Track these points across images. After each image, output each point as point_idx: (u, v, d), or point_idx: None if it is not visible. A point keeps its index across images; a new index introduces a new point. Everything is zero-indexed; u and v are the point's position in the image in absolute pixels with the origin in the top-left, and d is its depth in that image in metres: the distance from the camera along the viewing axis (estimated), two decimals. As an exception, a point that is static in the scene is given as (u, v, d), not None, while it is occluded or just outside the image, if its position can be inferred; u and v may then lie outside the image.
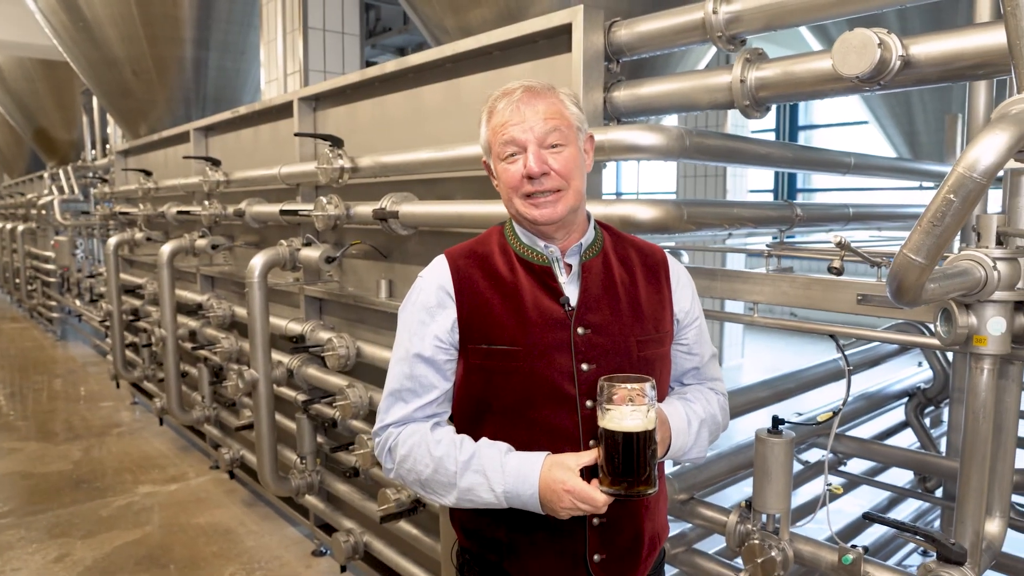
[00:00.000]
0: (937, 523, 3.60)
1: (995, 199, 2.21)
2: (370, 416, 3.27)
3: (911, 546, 3.61)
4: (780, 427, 1.97)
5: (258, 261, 3.42)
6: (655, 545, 1.55)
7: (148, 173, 5.70)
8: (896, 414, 3.68)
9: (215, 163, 4.36)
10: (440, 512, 2.41)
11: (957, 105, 4.84)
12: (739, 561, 2.40)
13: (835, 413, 2.08)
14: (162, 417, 6.00)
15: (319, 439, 3.74)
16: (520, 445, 1.44)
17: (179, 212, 4.85)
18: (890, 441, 3.48)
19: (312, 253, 3.35)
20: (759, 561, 1.96)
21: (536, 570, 1.48)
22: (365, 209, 3.06)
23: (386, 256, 3.34)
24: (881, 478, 3.51)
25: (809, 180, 13.27)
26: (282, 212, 3.50)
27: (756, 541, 1.99)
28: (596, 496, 1.29)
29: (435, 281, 1.51)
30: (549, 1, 2.83)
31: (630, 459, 1.26)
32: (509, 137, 1.40)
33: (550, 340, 1.43)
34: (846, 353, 3.31)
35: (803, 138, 13.15)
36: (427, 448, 1.44)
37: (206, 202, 4.38)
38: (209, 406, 4.84)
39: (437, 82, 2.99)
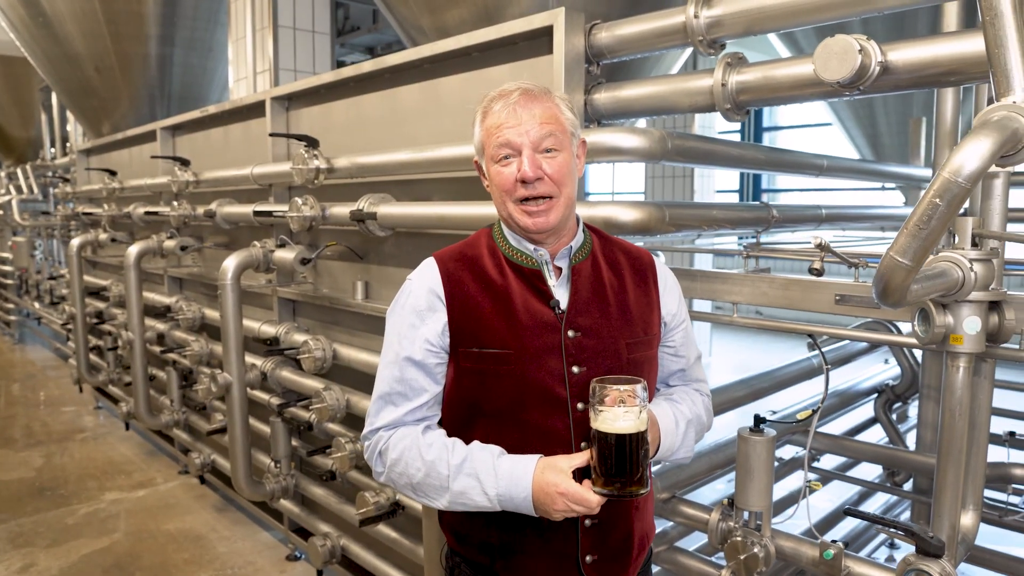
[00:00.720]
0: (905, 515, 3.69)
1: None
2: (347, 419, 3.24)
3: (880, 539, 3.69)
4: (761, 425, 2.00)
5: (231, 263, 3.37)
6: (644, 545, 1.56)
7: (112, 173, 5.57)
8: (864, 410, 3.76)
9: (184, 163, 4.28)
10: (424, 515, 2.40)
11: (919, 109, 4.97)
12: (718, 557, 2.44)
13: (814, 411, 2.11)
14: (128, 422, 5.87)
15: (293, 443, 3.69)
16: (512, 447, 1.44)
17: (147, 213, 4.75)
18: (859, 437, 3.56)
19: (287, 255, 3.31)
20: (742, 558, 1.99)
21: (529, 572, 1.48)
22: (342, 210, 3.03)
23: (362, 257, 3.31)
24: (851, 473, 3.59)
25: (774, 180, 13.50)
26: (256, 213, 3.44)
27: (739, 538, 2.02)
28: (590, 497, 1.30)
29: (425, 284, 1.50)
30: (528, 2, 2.84)
31: (623, 460, 1.27)
32: (504, 140, 1.39)
33: (541, 343, 1.44)
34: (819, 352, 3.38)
35: (768, 139, 13.37)
36: (418, 452, 1.43)
37: (175, 203, 4.30)
38: (178, 410, 4.75)
39: (414, 83, 2.97)
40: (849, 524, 3.52)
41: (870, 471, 3.73)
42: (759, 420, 2.01)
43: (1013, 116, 1.20)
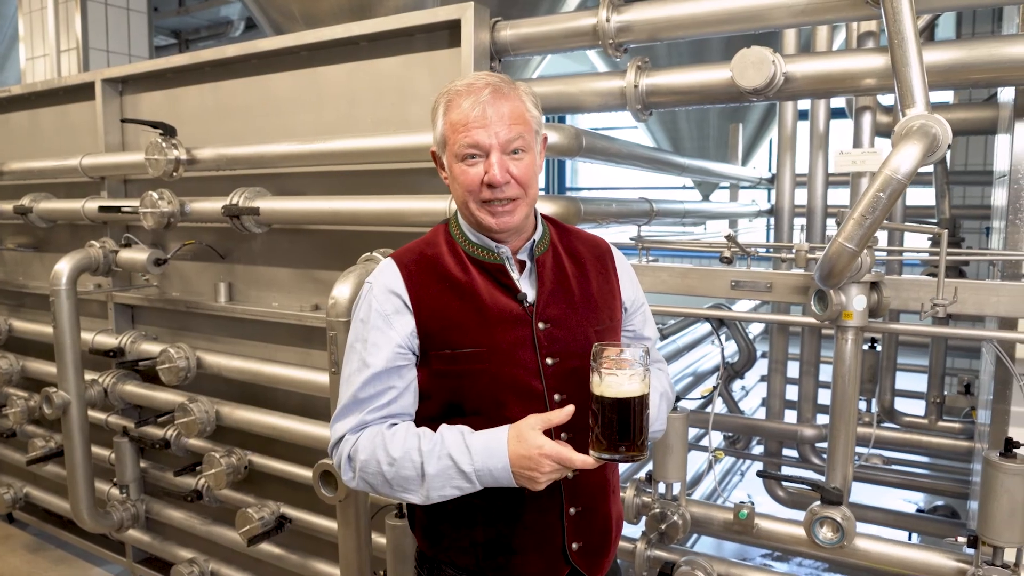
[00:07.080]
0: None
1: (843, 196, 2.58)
2: (216, 434, 2.98)
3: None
4: (677, 404, 2.16)
5: (65, 266, 2.95)
6: (619, 527, 1.62)
7: None
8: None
9: (-19, 151, 3.68)
10: (340, 523, 2.27)
11: (716, 115, 5.60)
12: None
13: (714, 388, 2.32)
14: None
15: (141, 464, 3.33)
16: None
17: (-74, 210, 3.99)
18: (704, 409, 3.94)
19: (137, 255, 2.97)
20: (663, 528, 2.13)
21: (517, 567, 1.47)
22: (210, 206, 2.79)
23: (224, 257, 3.07)
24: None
25: (576, 179, 14.37)
26: (101, 209, 3.04)
27: (657, 510, 2.17)
28: (573, 456, 1.29)
29: (387, 287, 1.44)
30: (403, -6, 2.80)
31: (627, 423, 1.27)
32: (472, 140, 1.36)
33: (513, 338, 1.43)
34: (671, 337, 3.68)
35: (572, 140, 14.09)
36: (386, 448, 1.36)
37: (-31, 198, 3.67)
38: (-25, 440, 4.06)
39: (289, 71, 2.81)
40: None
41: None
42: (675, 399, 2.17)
43: (930, 124, 1.43)
